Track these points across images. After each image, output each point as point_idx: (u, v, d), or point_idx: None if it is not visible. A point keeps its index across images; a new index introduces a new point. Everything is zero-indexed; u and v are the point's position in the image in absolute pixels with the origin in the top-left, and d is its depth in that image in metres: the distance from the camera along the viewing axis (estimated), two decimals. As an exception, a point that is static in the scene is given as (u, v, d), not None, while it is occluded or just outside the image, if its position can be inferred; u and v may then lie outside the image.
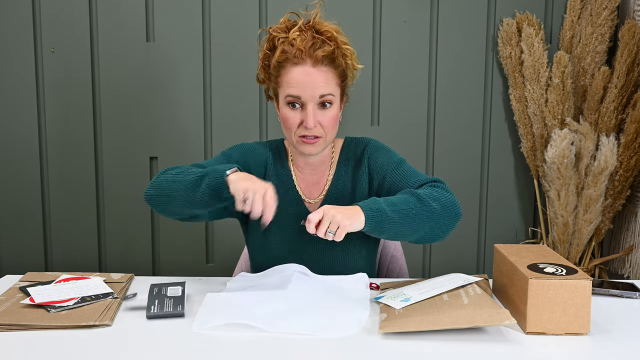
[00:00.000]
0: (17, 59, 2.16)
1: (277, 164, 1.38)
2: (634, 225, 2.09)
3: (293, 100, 1.24)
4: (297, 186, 1.37)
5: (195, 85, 2.19)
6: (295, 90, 1.23)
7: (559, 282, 0.98)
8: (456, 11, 2.18)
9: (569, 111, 2.06)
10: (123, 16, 2.15)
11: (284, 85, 1.25)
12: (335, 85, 1.26)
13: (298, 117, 1.25)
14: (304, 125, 1.24)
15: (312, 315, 1.04)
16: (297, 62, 1.23)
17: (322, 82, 1.23)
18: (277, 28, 1.27)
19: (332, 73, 1.25)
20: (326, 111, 1.25)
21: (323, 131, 1.26)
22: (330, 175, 1.37)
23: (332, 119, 1.26)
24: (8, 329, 1.00)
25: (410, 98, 2.22)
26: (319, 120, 1.24)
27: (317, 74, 1.23)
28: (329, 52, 1.23)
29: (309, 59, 1.23)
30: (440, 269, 2.25)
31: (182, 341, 0.96)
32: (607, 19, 2.03)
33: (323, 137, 1.27)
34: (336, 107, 1.28)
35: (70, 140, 2.19)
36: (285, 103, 1.26)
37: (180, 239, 2.24)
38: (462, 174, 2.26)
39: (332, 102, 1.25)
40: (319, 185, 1.37)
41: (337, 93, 1.27)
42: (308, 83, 1.23)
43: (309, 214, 1.30)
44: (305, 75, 1.23)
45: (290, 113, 1.25)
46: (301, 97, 1.23)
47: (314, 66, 1.23)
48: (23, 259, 2.24)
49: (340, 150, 1.39)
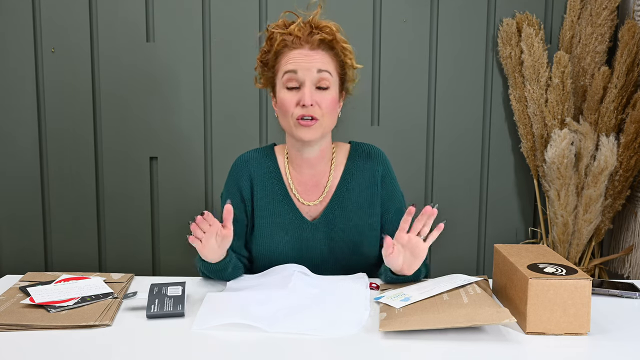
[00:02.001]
0: (17, 59, 2.16)
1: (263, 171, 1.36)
2: (634, 225, 2.09)
3: (290, 77, 1.23)
4: (288, 187, 1.35)
5: (195, 86, 2.19)
6: (292, 65, 1.23)
7: (558, 282, 0.98)
8: (456, 11, 2.18)
9: (569, 111, 2.06)
10: (123, 16, 2.15)
11: (282, 67, 1.25)
12: (334, 69, 1.26)
13: (295, 97, 1.24)
14: (301, 104, 1.23)
15: (312, 315, 1.04)
16: (294, 47, 1.25)
17: (320, 61, 1.24)
18: (275, 26, 1.28)
19: (330, 58, 1.26)
20: (324, 92, 1.25)
21: (321, 112, 1.24)
22: (332, 177, 1.36)
23: (329, 101, 1.25)
24: (8, 329, 1.00)
25: (410, 98, 2.22)
26: (317, 100, 1.24)
27: (315, 54, 1.24)
28: (327, 38, 1.24)
29: (307, 43, 1.24)
30: (440, 269, 2.25)
31: (182, 341, 0.96)
32: (607, 19, 2.03)
33: (320, 119, 1.24)
34: (334, 92, 1.27)
35: (70, 140, 2.19)
36: (282, 85, 1.25)
37: (180, 239, 2.24)
38: (462, 173, 2.26)
39: (329, 86, 1.25)
40: (318, 187, 1.36)
41: (335, 76, 1.27)
42: (305, 60, 1.23)
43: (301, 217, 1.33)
44: (303, 55, 1.24)
45: (287, 94, 1.25)
46: (298, 72, 1.23)
47: (312, 49, 1.24)
48: (23, 259, 2.24)
49: (348, 154, 1.37)
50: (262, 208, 1.35)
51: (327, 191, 1.35)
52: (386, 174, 1.37)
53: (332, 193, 1.35)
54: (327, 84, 1.25)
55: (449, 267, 2.22)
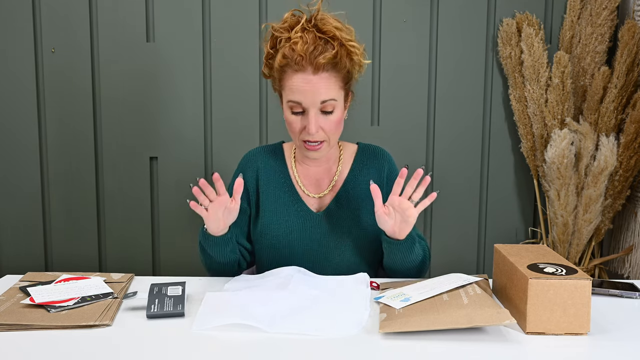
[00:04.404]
0: (17, 59, 2.16)
1: (270, 164, 1.40)
2: (634, 225, 2.09)
3: (295, 106, 1.25)
4: (293, 179, 1.39)
5: (195, 86, 2.19)
6: (296, 96, 1.23)
7: (558, 282, 0.98)
8: (456, 11, 2.18)
9: (569, 111, 2.06)
10: (123, 16, 2.15)
11: (286, 90, 1.26)
12: (338, 90, 1.25)
13: (301, 122, 1.26)
14: (307, 131, 1.25)
15: (312, 316, 1.04)
16: (297, 69, 1.22)
17: (324, 88, 1.22)
18: (279, 28, 1.25)
19: (335, 78, 1.24)
20: (329, 116, 1.25)
21: (326, 135, 1.27)
22: (340, 173, 1.39)
23: (334, 123, 1.27)
24: (8, 329, 1.00)
25: (410, 98, 2.22)
26: (322, 126, 1.25)
27: (318, 80, 1.21)
28: (331, 58, 1.21)
29: (310, 66, 1.21)
30: (440, 269, 2.25)
31: (182, 341, 0.96)
32: (607, 19, 2.03)
33: (327, 141, 1.28)
34: (339, 111, 1.27)
35: (71, 140, 2.19)
36: (287, 108, 1.27)
37: (180, 239, 2.24)
38: (462, 173, 2.26)
39: (334, 108, 1.25)
40: (324, 181, 1.39)
41: (340, 96, 1.26)
42: (309, 91, 1.22)
43: (307, 208, 1.35)
44: (306, 83, 1.21)
45: (293, 118, 1.27)
46: (302, 104, 1.23)
47: (315, 73, 1.21)
48: (23, 259, 2.24)
49: (356, 153, 1.41)
50: (268, 199, 1.38)
51: (333, 185, 1.38)
52: (392, 172, 1.41)
53: (338, 187, 1.38)
54: (331, 108, 1.25)
55: (449, 267, 2.22)
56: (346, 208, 1.36)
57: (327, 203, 1.38)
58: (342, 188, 1.37)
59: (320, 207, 1.38)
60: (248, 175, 1.40)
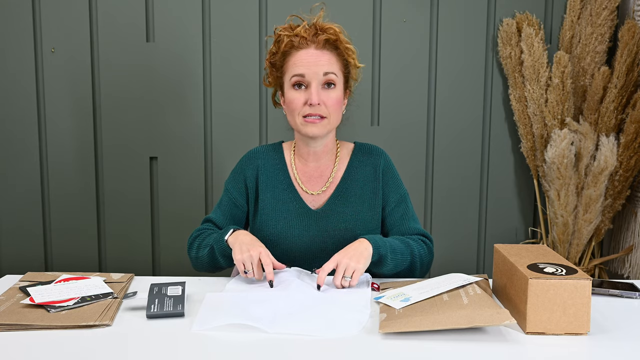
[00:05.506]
0: (17, 59, 2.16)
1: (270, 163, 1.43)
2: (634, 225, 2.09)
3: (298, 80, 1.30)
4: (292, 176, 1.41)
5: (195, 86, 2.19)
6: (300, 68, 1.30)
7: (558, 282, 0.98)
8: (456, 11, 2.18)
9: (569, 111, 2.06)
10: (123, 16, 2.15)
11: (290, 68, 1.32)
12: (339, 69, 1.33)
13: (303, 96, 1.31)
14: (309, 103, 1.29)
15: (312, 316, 1.04)
16: (301, 46, 1.31)
17: (326, 62, 1.31)
18: (283, 28, 1.35)
19: (335, 57, 1.33)
20: (330, 91, 1.31)
21: (327, 111, 1.31)
22: (337, 170, 1.41)
23: (335, 99, 1.32)
24: (8, 329, 1.00)
25: (410, 98, 2.22)
26: (323, 99, 1.30)
27: (321, 55, 1.31)
28: (332, 38, 1.31)
29: (313, 44, 1.31)
30: (440, 269, 2.25)
31: (182, 341, 0.96)
32: (607, 19, 2.03)
33: (327, 117, 1.32)
34: (339, 90, 1.33)
35: (70, 140, 2.19)
36: (290, 85, 1.32)
37: (180, 239, 2.24)
38: (462, 173, 2.26)
39: (335, 84, 1.32)
40: (322, 178, 1.41)
41: (340, 76, 1.33)
42: (312, 62, 1.30)
43: (305, 205, 1.33)
44: (310, 56, 1.30)
45: (295, 94, 1.31)
46: (305, 75, 1.30)
47: (317, 49, 1.31)
48: (23, 259, 2.24)
49: (352, 151, 1.44)
50: (267, 197, 1.40)
51: (330, 182, 1.41)
52: (387, 167, 1.43)
53: (335, 184, 1.41)
54: (333, 82, 1.32)
55: (449, 267, 2.22)
56: (343, 204, 1.39)
57: (325, 200, 1.40)
58: (339, 185, 1.40)
59: (319, 204, 1.40)
60: (248, 173, 1.43)
